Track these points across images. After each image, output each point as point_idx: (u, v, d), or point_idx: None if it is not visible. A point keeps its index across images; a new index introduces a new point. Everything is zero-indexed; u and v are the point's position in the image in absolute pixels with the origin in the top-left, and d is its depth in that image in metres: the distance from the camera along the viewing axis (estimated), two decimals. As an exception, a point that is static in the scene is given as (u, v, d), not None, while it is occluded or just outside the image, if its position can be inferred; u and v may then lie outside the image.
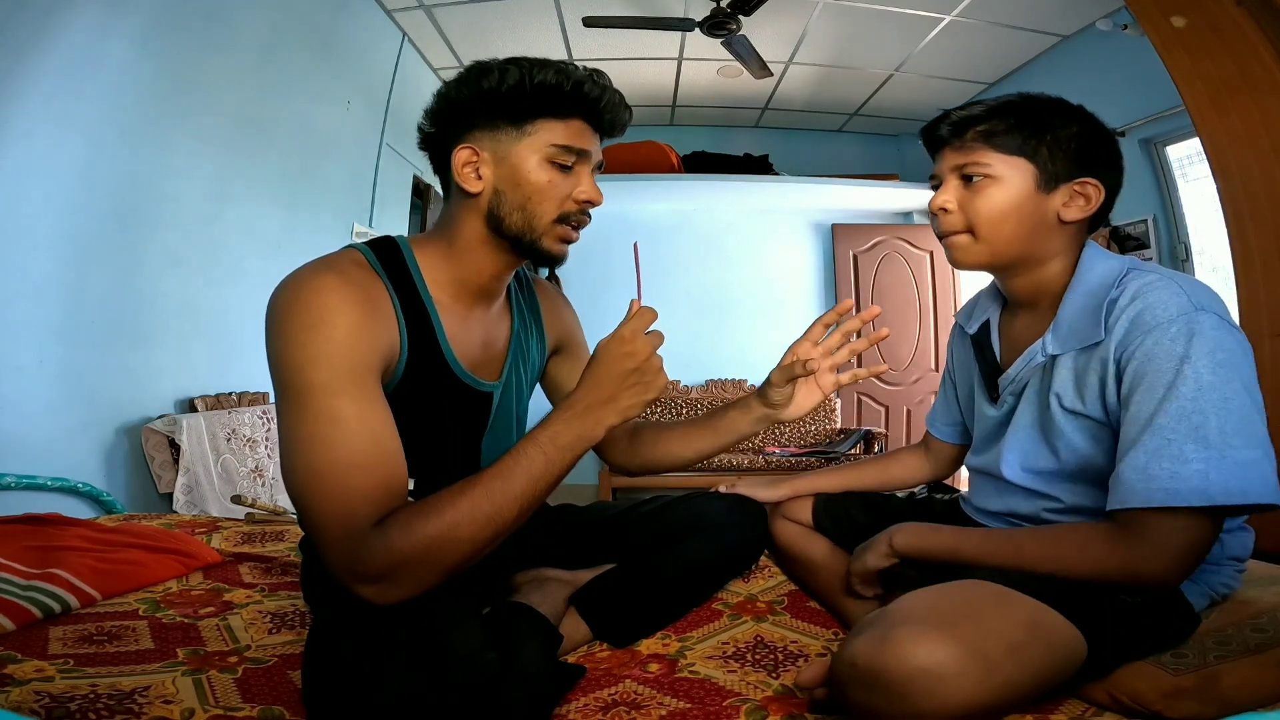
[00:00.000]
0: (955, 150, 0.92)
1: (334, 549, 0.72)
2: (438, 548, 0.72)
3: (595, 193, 0.89)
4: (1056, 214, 0.89)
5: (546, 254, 0.89)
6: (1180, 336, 0.75)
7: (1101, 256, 0.90)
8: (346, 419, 0.73)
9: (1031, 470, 0.93)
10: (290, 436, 0.74)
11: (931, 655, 0.62)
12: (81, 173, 1.77)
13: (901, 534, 0.94)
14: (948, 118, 0.92)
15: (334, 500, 0.72)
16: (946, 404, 1.18)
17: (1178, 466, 0.72)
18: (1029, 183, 0.88)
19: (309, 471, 0.72)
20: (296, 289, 0.77)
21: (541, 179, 0.86)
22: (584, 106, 0.87)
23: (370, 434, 0.74)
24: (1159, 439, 0.74)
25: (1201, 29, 2.04)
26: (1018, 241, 0.90)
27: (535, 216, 0.87)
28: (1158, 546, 0.74)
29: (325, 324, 0.74)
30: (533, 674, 0.76)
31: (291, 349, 0.74)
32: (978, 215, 0.90)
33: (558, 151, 0.85)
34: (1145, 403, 0.76)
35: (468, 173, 0.86)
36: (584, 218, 0.90)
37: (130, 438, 1.95)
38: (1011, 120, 0.88)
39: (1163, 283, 0.80)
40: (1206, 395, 0.73)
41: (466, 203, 0.88)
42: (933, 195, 0.94)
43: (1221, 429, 0.72)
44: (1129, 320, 0.80)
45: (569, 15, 3.29)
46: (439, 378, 0.88)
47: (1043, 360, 0.90)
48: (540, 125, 0.85)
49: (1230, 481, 0.71)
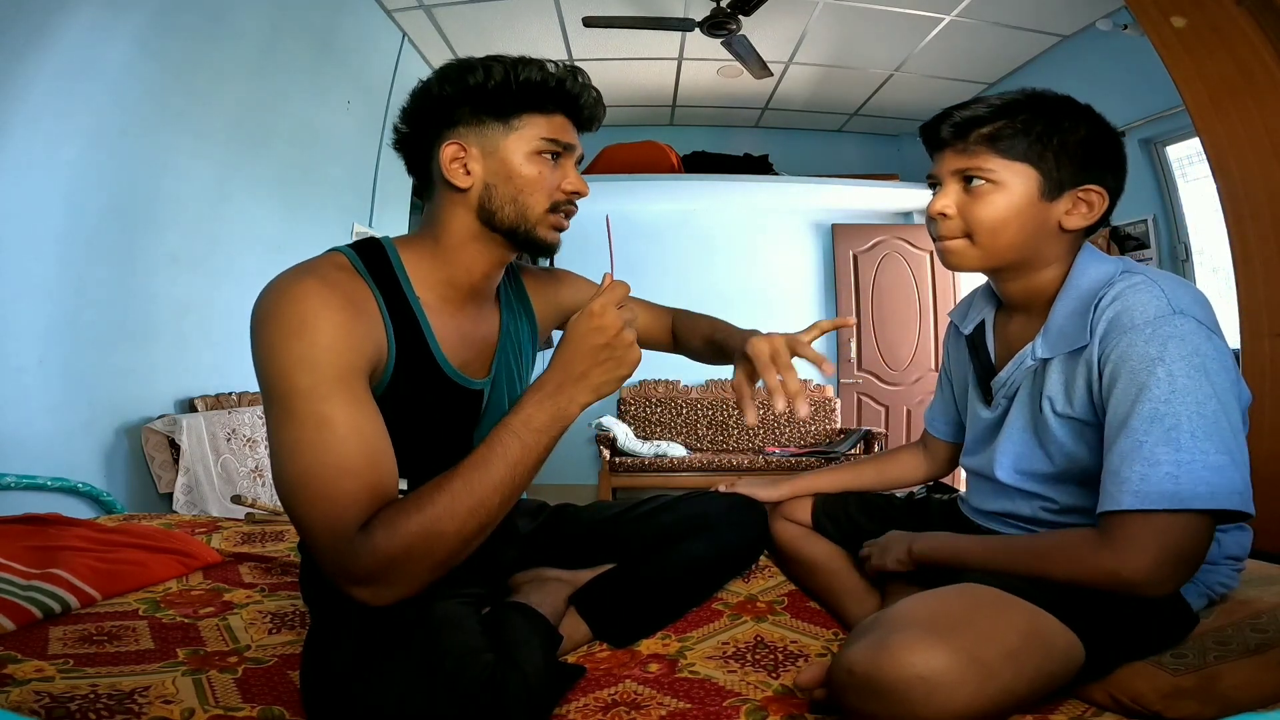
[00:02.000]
0: (957, 153, 0.89)
1: (325, 553, 0.72)
2: (423, 544, 0.72)
3: (581, 184, 0.91)
4: (1058, 222, 0.87)
5: (541, 242, 0.90)
6: (1155, 339, 0.75)
7: (1095, 260, 0.89)
8: (333, 423, 0.72)
9: (1024, 472, 0.93)
10: (278, 442, 0.74)
11: (929, 662, 0.63)
12: (81, 172, 1.77)
13: (922, 542, 0.95)
14: (950, 117, 0.89)
15: (322, 504, 0.72)
16: (944, 403, 1.18)
17: (1148, 469, 0.72)
18: (1032, 190, 0.86)
19: (297, 477, 0.72)
20: (277, 296, 0.76)
21: (532, 171, 0.87)
22: (565, 102, 0.89)
23: (358, 438, 0.74)
24: (1131, 441, 0.74)
25: (1201, 29, 2.04)
26: (1016, 248, 0.89)
27: (528, 208, 0.88)
28: (1135, 550, 0.73)
29: (308, 329, 0.74)
30: (532, 674, 0.75)
31: (276, 356, 0.74)
32: (977, 221, 0.88)
33: (545, 144, 0.87)
34: (1120, 405, 0.77)
35: (455, 168, 0.87)
36: (572, 207, 0.92)
37: (130, 438, 1.95)
38: (1018, 124, 0.85)
39: (1145, 285, 0.80)
40: (1180, 398, 0.73)
41: (455, 199, 0.88)
42: (931, 197, 0.93)
43: (1193, 433, 0.72)
44: (1107, 322, 0.80)
45: (569, 15, 3.29)
46: (428, 378, 0.88)
47: (1033, 364, 0.90)
48: (526, 120, 0.87)
49: (1199, 485, 0.71)
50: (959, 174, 0.89)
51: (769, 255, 4.77)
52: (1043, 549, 0.82)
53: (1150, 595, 0.74)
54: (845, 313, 4.65)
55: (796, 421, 0.82)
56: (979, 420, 1.01)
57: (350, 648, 0.73)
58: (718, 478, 3.55)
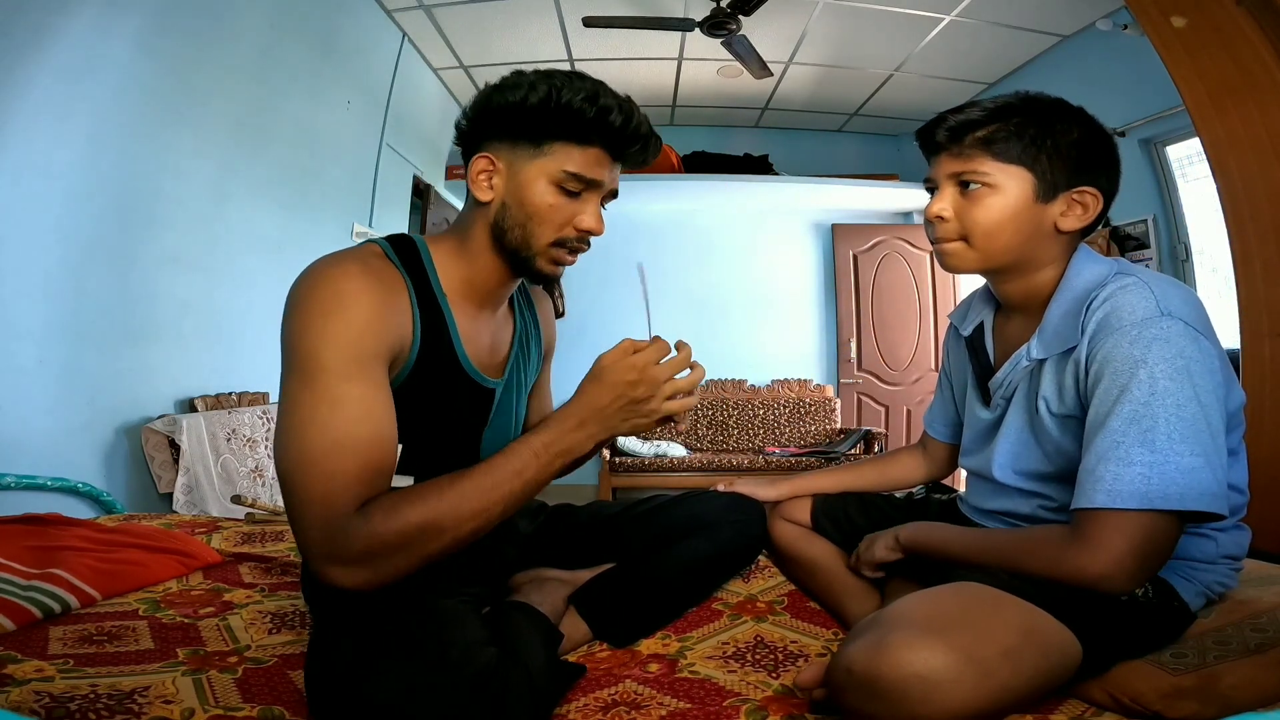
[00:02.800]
0: (953, 156, 0.89)
1: (314, 529, 0.73)
2: (419, 536, 0.74)
3: (597, 224, 0.88)
4: (1054, 223, 0.88)
5: (538, 273, 0.90)
6: (1140, 341, 0.76)
7: (1090, 261, 0.89)
8: (348, 403, 0.74)
9: (1021, 472, 0.94)
10: (290, 414, 0.75)
11: (927, 662, 0.63)
12: (81, 172, 1.77)
13: (907, 530, 0.98)
14: (944, 121, 0.90)
15: (322, 481, 0.72)
16: (943, 404, 1.18)
17: (1121, 469, 0.73)
18: (1027, 192, 0.87)
19: (302, 451, 0.73)
20: (319, 275, 0.78)
21: (545, 202, 0.85)
22: (606, 134, 0.85)
23: (370, 421, 0.75)
24: (1109, 441, 0.75)
25: (1201, 29, 2.04)
26: (1013, 250, 0.89)
27: (533, 236, 0.87)
28: (1099, 547, 0.74)
29: (343, 309, 0.76)
30: (535, 670, 0.76)
31: (309, 331, 0.75)
32: (974, 224, 0.89)
33: (567, 177, 0.85)
34: (1101, 405, 0.78)
35: (481, 180, 0.87)
36: (582, 245, 0.90)
37: (130, 438, 1.95)
38: (1011, 127, 0.86)
39: (1136, 286, 0.80)
40: (1160, 400, 0.74)
41: (478, 209, 0.90)
42: (929, 200, 0.93)
43: (1169, 435, 0.73)
44: (1096, 322, 0.81)
45: (569, 15, 3.29)
46: (448, 372, 0.89)
47: (1029, 364, 0.90)
48: (557, 148, 0.85)
49: (1169, 486, 0.72)
50: (955, 177, 0.90)
51: (769, 255, 4.77)
52: (1019, 544, 0.84)
53: (1110, 591, 0.75)
54: (846, 313, 4.65)
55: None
56: (978, 421, 1.02)
57: (353, 645, 0.73)
58: (718, 478, 3.55)
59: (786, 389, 4.45)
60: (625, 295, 4.10)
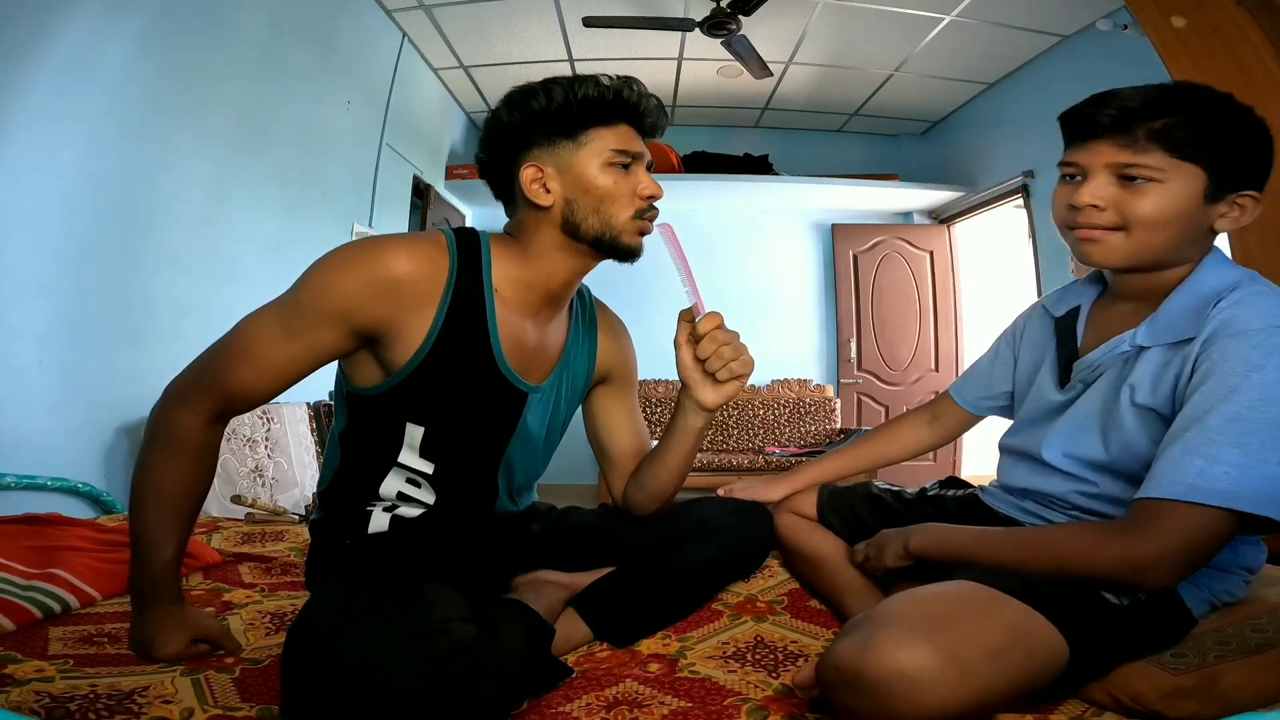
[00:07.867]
0: (1119, 146, 0.82)
1: (184, 383, 0.91)
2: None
3: (656, 187, 0.95)
4: (1211, 224, 0.84)
5: (627, 248, 0.95)
6: (1262, 347, 0.74)
7: (1224, 262, 0.86)
8: (294, 338, 0.85)
9: (1072, 455, 0.92)
10: (254, 313, 0.88)
11: (911, 660, 0.63)
12: (81, 172, 1.77)
13: (919, 536, 0.94)
14: (1108, 104, 0.82)
15: (223, 369, 0.87)
16: (989, 377, 1.14)
17: (1209, 465, 0.72)
18: (1197, 192, 0.81)
19: (237, 336, 0.88)
20: (361, 240, 0.88)
21: (607, 182, 0.92)
22: (626, 112, 0.94)
23: (292, 365, 0.87)
24: (1203, 437, 0.73)
25: (1201, 29, 2.04)
26: (1167, 248, 0.84)
27: (612, 216, 0.92)
28: (1155, 535, 0.73)
29: (351, 271, 0.85)
30: (511, 651, 0.78)
31: (315, 267, 0.87)
32: (1137, 217, 0.82)
33: (615, 155, 0.92)
34: (1202, 402, 0.75)
35: (536, 188, 0.92)
36: (653, 211, 0.96)
37: (130, 438, 1.95)
38: (1191, 120, 0.80)
39: (1268, 294, 0.79)
40: (1266, 408, 0.72)
41: (539, 216, 0.93)
42: (1069, 187, 0.87)
43: (1265, 442, 0.71)
44: (1220, 322, 0.78)
45: (569, 15, 3.29)
46: (477, 365, 0.92)
47: (1128, 350, 0.87)
48: (593, 134, 0.92)
49: (1252, 489, 0.70)
50: (1116, 168, 0.83)
51: (769, 255, 4.77)
52: (1055, 538, 0.82)
53: (1144, 584, 0.75)
54: (846, 313, 4.65)
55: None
56: (1044, 402, 0.99)
57: (332, 610, 0.75)
58: (717, 478, 3.55)
59: (786, 389, 4.44)
60: (626, 295, 4.10)
